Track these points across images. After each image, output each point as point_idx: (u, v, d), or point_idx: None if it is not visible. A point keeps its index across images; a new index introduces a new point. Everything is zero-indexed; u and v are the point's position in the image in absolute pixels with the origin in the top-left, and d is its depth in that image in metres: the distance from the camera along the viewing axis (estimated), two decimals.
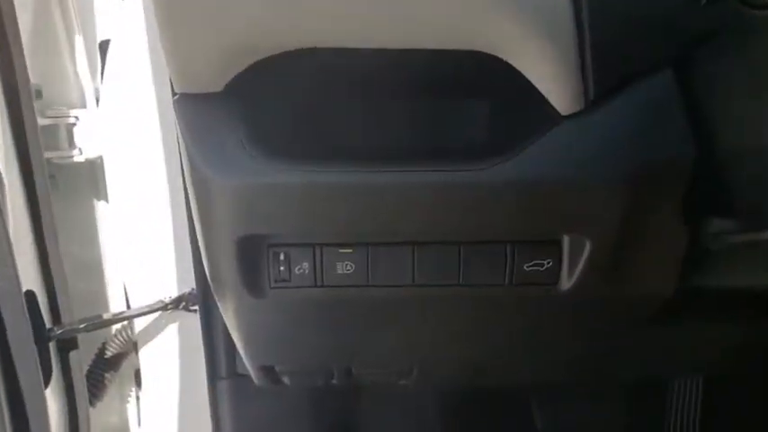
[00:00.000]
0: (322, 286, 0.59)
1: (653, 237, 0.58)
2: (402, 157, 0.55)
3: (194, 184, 0.55)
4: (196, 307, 0.92)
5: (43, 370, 0.86)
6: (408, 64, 0.54)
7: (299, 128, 0.56)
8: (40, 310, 0.87)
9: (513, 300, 0.60)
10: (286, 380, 0.73)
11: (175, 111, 0.55)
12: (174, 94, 0.56)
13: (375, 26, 0.49)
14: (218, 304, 0.63)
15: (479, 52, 0.52)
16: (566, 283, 0.59)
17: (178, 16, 0.49)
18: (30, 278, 0.87)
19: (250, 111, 0.55)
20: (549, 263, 0.58)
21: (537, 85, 0.52)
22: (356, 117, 0.57)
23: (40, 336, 0.87)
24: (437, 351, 0.68)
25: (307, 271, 0.58)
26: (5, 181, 0.82)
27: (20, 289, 0.81)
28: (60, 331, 0.89)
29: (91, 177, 1.02)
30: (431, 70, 0.55)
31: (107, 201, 1.01)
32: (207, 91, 0.54)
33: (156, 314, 0.98)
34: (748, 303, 0.71)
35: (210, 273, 0.60)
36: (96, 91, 1.01)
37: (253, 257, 0.58)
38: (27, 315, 0.82)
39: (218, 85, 0.54)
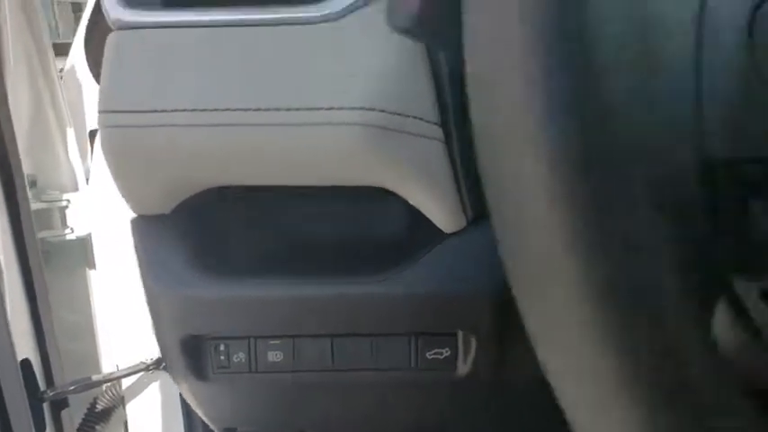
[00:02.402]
0: (257, 372, 0.69)
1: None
2: (315, 267, 0.65)
3: (145, 293, 0.66)
4: None
5: (37, 428, 0.97)
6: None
7: (234, 246, 0.67)
8: (35, 376, 0.98)
9: (421, 382, 0.70)
10: None
11: (131, 230, 0.66)
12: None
13: (274, 170, 0.59)
14: (173, 382, 0.74)
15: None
16: (462, 368, 0.67)
17: (123, 159, 0.59)
18: (26, 346, 0.98)
19: (194, 232, 0.65)
20: (447, 351, 0.67)
21: (421, 210, 0.62)
22: (279, 235, 0.67)
23: (35, 398, 0.98)
24: (368, 421, 0.78)
25: (243, 360, 0.68)
26: (3, 262, 0.94)
27: (16, 359, 0.93)
28: (53, 393, 1.00)
29: (81, 252, 1.13)
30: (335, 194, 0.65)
31: (96, 271, 1.12)
32: (156, 213, 0.66)
33: (141, 373, 1.09)
34: None
35: (162, 358, 0.71)
36: (87, 171, 1.13)
37: (196, 349, 0.68)
38: (22, 381, 0.94)
39: (165, 209, 0.65)
